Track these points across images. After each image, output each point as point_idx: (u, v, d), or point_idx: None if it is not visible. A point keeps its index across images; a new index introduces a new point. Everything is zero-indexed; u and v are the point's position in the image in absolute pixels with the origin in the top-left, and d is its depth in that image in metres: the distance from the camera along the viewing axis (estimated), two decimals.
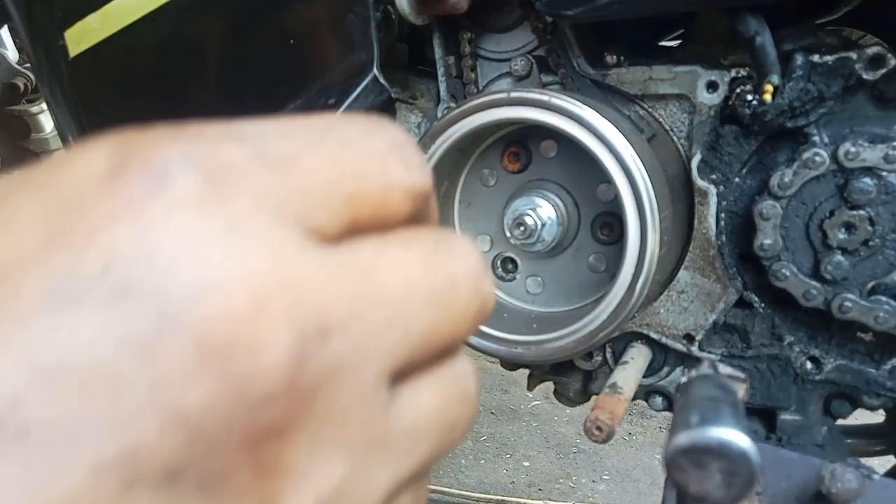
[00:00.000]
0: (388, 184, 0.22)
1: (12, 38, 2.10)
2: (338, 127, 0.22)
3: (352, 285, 0.20)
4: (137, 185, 0.18)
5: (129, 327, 0.17)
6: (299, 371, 0.18)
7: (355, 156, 0.22)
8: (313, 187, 0.20)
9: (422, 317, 0.21)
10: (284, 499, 0.19)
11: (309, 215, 0.20)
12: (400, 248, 0.22)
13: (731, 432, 0.38)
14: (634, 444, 2.18)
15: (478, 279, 0.23)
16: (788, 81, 0.67)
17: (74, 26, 0.86)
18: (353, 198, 0.21)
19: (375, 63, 0.80)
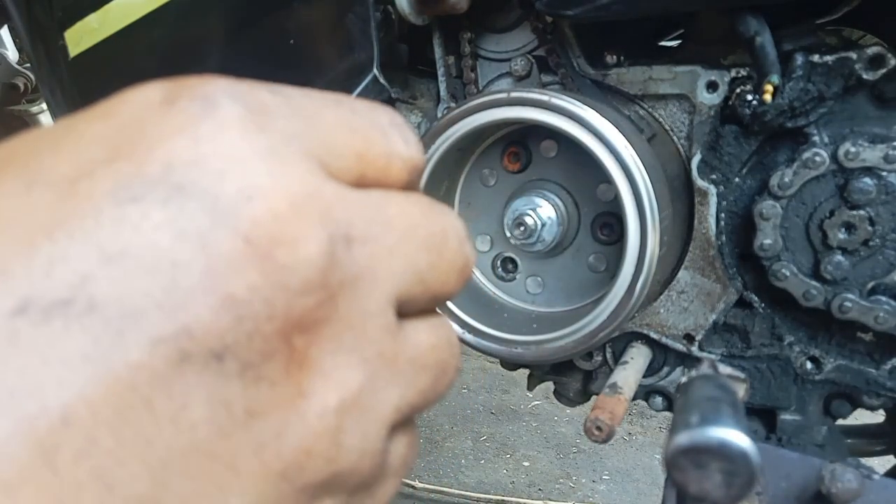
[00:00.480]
0: (390, 152, 0.25)
1: (12, 38, 2.10)
2: (349, 101, 0.26)
3: (368, 212, 0.23)
4: (190, 109, 0.21)
5: (185, 221, 0.19)
6: (330, 267, 0.21)
7: (365, 122, 0.25)
8: (332, 139, 0.23)
9: (422, 254, 0.24)
10: (312, 393, 0.21)
11: (328, 160, 0.23)
12: (403, 196, 0.25)
13: (731, 432, 0.38)
14: (634, 444, 2.18)
15: (463, 239, 0.26)
16: (788, 81, 0.67)
17: (74, 26, 0.86)
18: (363, 157, 0.24)
19: (375, 63, 0.80)
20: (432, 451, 2.14)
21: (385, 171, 0.25)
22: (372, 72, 0.80)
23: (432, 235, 0.24)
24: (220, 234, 0.19)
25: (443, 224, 0.25)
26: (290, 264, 0.20)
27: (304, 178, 0.21)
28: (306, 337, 0.20)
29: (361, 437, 0.22)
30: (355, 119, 0.24)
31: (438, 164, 0.71)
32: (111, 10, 0.84)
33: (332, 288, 0.21)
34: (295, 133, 0.22)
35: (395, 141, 0.25)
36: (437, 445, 2.16)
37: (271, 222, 0.20)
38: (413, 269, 0.24)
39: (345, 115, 0.24)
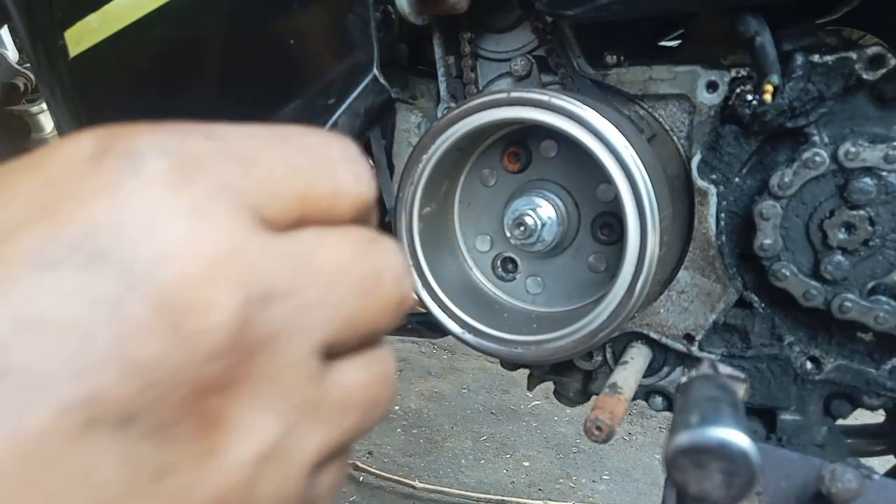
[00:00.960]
0: (337, 191, 0.25)
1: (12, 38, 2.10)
2: (297, 136, 0.26)
3: (293, 264, 0.23)
4: (115, 167, 0.21)
5: (100, 288, 0.19)
6: (243, 331, 0.21)
7: (311, 161, 0.25)
8: (269, 183, 0.23)
9: (351, 299, 0.24)
10: (226, 449, 0.21)
11: (262, 206, 0.23)
12: (338, 239, 0.24)
13: (731, 432, 0.38)
14: (634, 444, 2.18)
15: (400, 276, 0.26)
16: (788, 81, 0.67)
17: (74, 26, 0.86)
18: (305, 197, 0.24)
19: (375, 63, 0.80)
20: (432, 451, 2.14)
21: (330, 210, 0.25)
22: (372, 72, 0.80)
23: (364, 278, 0.25)
24: (132, 301, 0.19)
25: (378, 264, 0.25)
26: (200, 331, 0.20)
27: (226, 235, 0.21)
28: (220, 397, 0.21)
29: (279, 484, 0.22)
30: (300, 158, 0.24)
31: (438, 164, 0.71)
32: (111, 10, 0.84)
33: (245, 350, 0.21)
34: (226, 183, 0.22)
35: (343, 178, 0.25)
36: (437, 445, 2.16)
37: (183, 288, 0.20)
38: (341, 315, 0.24)
39: (288, 156, 0.24)
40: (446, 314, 0.74)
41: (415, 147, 0.73)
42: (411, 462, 2.08)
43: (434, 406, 2.38)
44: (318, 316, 0.23)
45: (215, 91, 0.88)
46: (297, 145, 0.25)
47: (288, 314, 0.22)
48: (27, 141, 2.13)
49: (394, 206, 0.75)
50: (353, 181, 0.26)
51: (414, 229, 0.73)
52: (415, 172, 0.72)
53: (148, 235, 0.20)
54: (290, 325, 0.22)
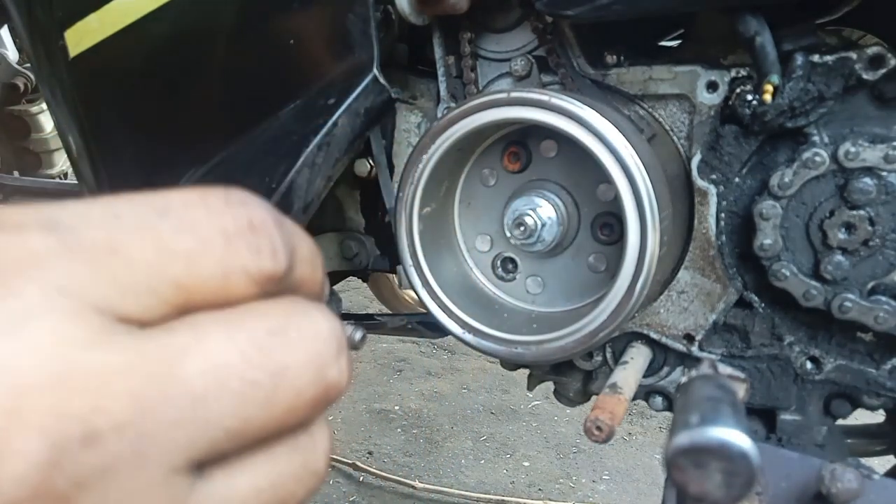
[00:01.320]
0: (227, 269, 0.22)
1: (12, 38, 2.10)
2: (180, 209, 0.22)
3: (147, 380, 0.19)
4: None
5: None
6: (51, 478, 0.18)
7: (192, 240, 0.21)
8: (130, 276, 0.20)
9: (229, 411, 0.21)
10: None
11: (117, 305, 0.20)
12: (224, 334, 0.21)
13: (731, 432, 0.38)
14: (634, 444, 2.18)
15: (321, 366, 0.23)
16: (788, 81, 0.67)
17: (74, 26, 0.86)
18: (184, 284, 0.21)
19: (375, 63, 0.80)
20: (432, 451, 2.14)
21: (222, 290, 0.22)
22: (372, 72, 0.80)
23: (253, 385, 0.21)
24: None
25: (277, 363, 0.22)
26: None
27: (47, 355, 0.18)
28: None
29: None
30: (177, 239, 0.21)
31: (438, 164, 0.71)
32: (111, 10, 0.84)
33: (59, 494, 0.18)
34: (67, 283, 0.19)
35: (236, 253, 0.22)
36: (437, 445, 2.16)
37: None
38: (215, 430, 0.20)
39: (161, 238, 0.21)
40: (446, 314, 0.74)
41: (415, 147, 0.73)
42: (411, 462, 2.08)
43: (434, 406, 2.38)
44: (178, 437, 0.20)
45: (215, 91, 0.88)
46: (177, 223, 0.21)
47: (129, 443, 0.19)
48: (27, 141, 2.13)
49: (394, 206, 0.75)
50: (250, 255, 0.22)
51: (414, 229, 0.73)
52: (415, 172, 0.72)
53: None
54: (132, 454, 0.19)
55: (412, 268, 0.74)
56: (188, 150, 0.90)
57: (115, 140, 0.94)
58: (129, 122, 0.94)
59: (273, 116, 0.84)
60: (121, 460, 0.19)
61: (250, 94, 0.87)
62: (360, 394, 2.42)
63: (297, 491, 0.23)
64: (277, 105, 0.84)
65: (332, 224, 0.99)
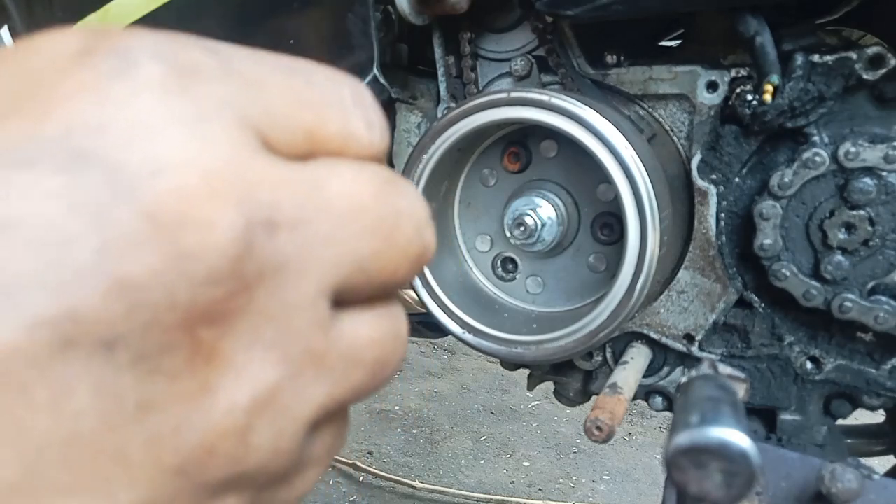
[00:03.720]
0: (347, 134, 0.23)
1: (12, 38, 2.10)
2: (308, 69, 0.23)
3: (303, 192, 0.20)
4: (105, 65, 0.18)
5: (82, 192, 0.17)
6: (245, 256, 0.18)
7: (322, 97, 0.22)
8: (276, 109, 0.21)
9: (366, 240, 0.22)
10: (219, 389, 0.19)
11: (267, 131, 0.20)
12: (353, 172, 0.22)
13: (731, 432, 0.38)
14: (634, 444, 2.18)
15: (421, 224, 0.24)
16: (788, 81, 0.67)
17: (74, 26, 0.86)
18: (313, 133, 0.22)
19: (375, 63, 0.80)
20: (432, 451, 2.14)
21: (341, 148, 0.22)
22: (372, 72, 0.80)
23: (381, 220, 0.22)
24: (119, 210, 0.17)
25: (397, 206, 0.23)
26: (196, 250, 0.17)
27: (229, 150, 0.19)
28: (216, 329, 0.18)
29: (274, 438, 0.20)
30: (310, 92, 0.22)
31: (438, 164, 0.71)
32: (111, 10, 0.84)
33: (247, 279, 0.19)
34: (230, 99, 0.20)
35: (355, 122, 0.23)
36: (437, 445, 2.16)
37: (179, 201, 0.17)
38: (353, 257, 0.21)
39: (297, 86, 0.22)
40: (446, 314, 0.74)
41: (415, 147, 0.73)
42: (411, 462, 2.08)
43: (434, 406, 2.38)
44: (330, 253, 0.21)
45: None
46: (308, 79, 0.22)
47: (296, 246, 0.20)
48: None
49: None
50: (366, 127, 0.23)
51: None
52: (415, 172, 0.72)
53: (138, 142, 0.18)
54: (297, 259, 0.20)
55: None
56: None
57: None
58: None
59: None
60: (290, 261, 0.20)
61: None
62: None
63: (393, 354, 0.24)
64: None
65: None
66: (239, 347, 0.19)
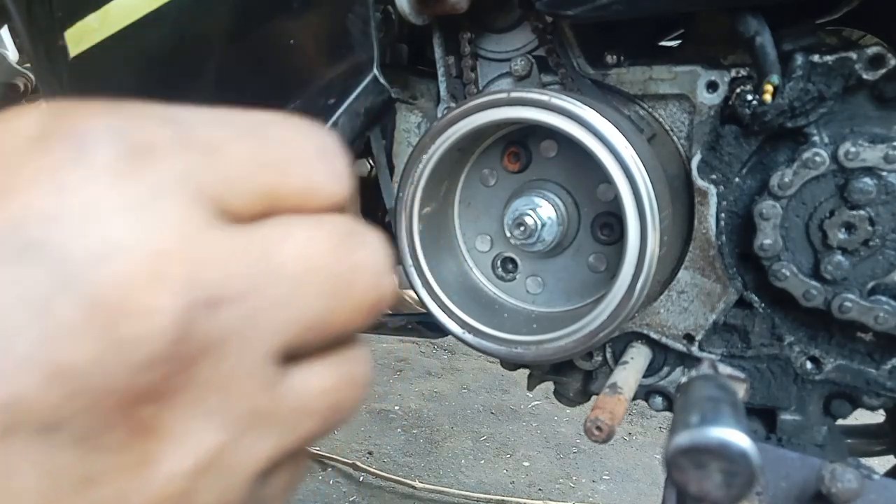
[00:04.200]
0: (309, 187, 0.23)
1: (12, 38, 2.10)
2: (270, 125, 0.24)
3: (253, 262, 0.21)
4: (60, 151, 0.19)
5: (28, 283, 0.18)
6: (185, 337, 0.19)
7: (282, 155, 0.23)
8: (233, 174, 0.22)
9: (318, 300, 0.22)
10: (160, 459, 0.20)
11: (223, 198, 0.21)
12: (309, 231, 0.23)
13: (731, 432, 0.38)
14: (634, 444, 2.18)
15: (379, 274, 0.24)
16: (788, 81, 0.67)
17: (74, 26, 0.86)
18: (273, 193, 0.22)
19: (375, 63, 0.80)
20: (432, 451, 2.14)
21: (303, 202, 0.23)
22: (372, 72, 0.80)
23: (335, 278, 0.23)
24: (63, 300, 0.18)
25: (353, 260, 0.23)
26: (136, 337, 0.18)
27: (178, 229, 0.19)
28: (155, 405, 0.19)
29: (220, 494, 0.21)
30: (272, 151, 0.23)
31: (438, 164, 0.71)
32: (111, 10, 0.84)
33: (187, 358, 0.19)
34: (183, 172, 0.20)
35: (317, 175, 0.24)
36: (437, 445, 2.16)
37: (119, 288, 0.18)
38: (305, 317, 0.22)
39: (256, 147, 0.23)
40: (446, 314, 0.74)
41: (415, 147, 0.73)
42: (411, 462, 2.08)
43: (434, 406, 2.38)
44: (277, 319, 0.21)
45: (215, 91, 0.88)
46: (269, 136, 0.23)
47: (240, 318, 0.20)
48: None
49: (394, 206, 0.75)
50: (329, 178, 0.24)
51: (414, 229, 0.73)
52: (415, 172, 0.72)
53: (87, 229, 0.18)
54: (241, 331, 0.20)
55: (412, 268, 0.74)
56: None
57: None
58: None
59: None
60: (234, 334, 0.20)
61: (250, 94, 0.87)
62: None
63: (351, 398, 0.25)
64: (278, 105, 0.84)
65: None
66: (180, 418, 0.20)
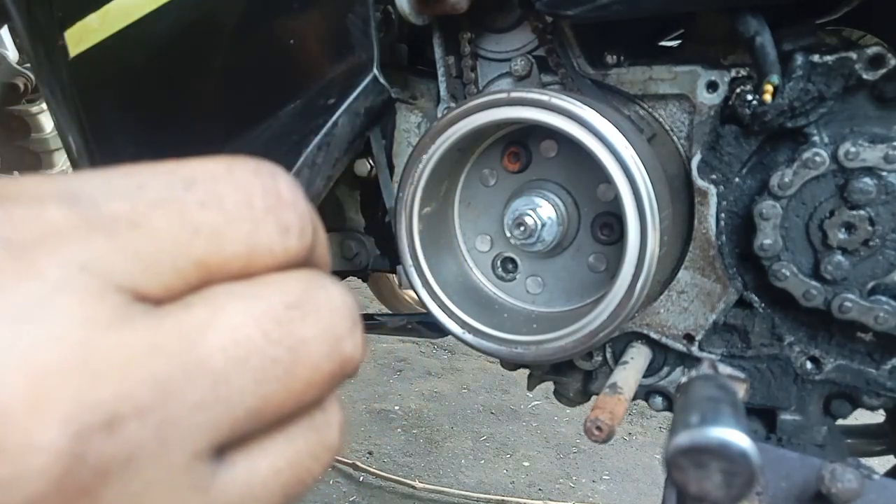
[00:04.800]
0: (252, 247, 0.21)
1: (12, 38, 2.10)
2: (206, 180, 0.21)
3: (167, 361, 0.19)
4: None
5: None
6: (73, 471, 0.17)
7: (218, 215, 0.20)
8: (152, 252, 0.19)
9: (250, 390, 0.20)
10: None
11: (140, 282, 0.19)
12: (242, 310, 0.20)
13: (731, 432, 0.38)
14: (634, 444, 2.18)
15: (337, 339, 0.22)
16: (788, 81, 0.67)
17: (74, 26, 0.86)
18: (206, 262, 0.20)
19: (375, 63, 0.80)
20: (432, 451, 2.14)
21: (245, 269, 0.21)
22: (372, 72, 0.80)
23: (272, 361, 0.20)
24: None
25: (297, 336, 0.21)
26: (13, 478, 0.16)
27: (68, 340, 0.17)
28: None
29: None
30: (199, 214, 0.20)
31: (438, 164, 0.71)
32: (111, 10, 0.84)
33: (78, 490, 0.17)
34: (86, 262, 0.18)
35: (264, 230, 0.21)
36: (437, 445, 2.16)
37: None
38: (235, 414, 0.20)
39: (181, 213, 0.20)
40: (446, 314, 0.74)
41: (415, 147, 0.73)
42: (411, 462, 2.08)
43: (434, 406, 2.38)
44: (200, 421, 0.19)
45: (215, 91, 0.88)
46: (204, 196, 0.20)
47: (150, 430, 0.18)
48: (27, 141, 2.13)
49: (394, 206, 0.75)
50: (278, 234, 0.21)
51: (414, 229, 0.73)
52: (415, 172, 0.72)
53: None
54: (153, 442, 0.18)
55: (412, 268, 0.74)
56: (187, 150, 0.90)
57: (114, 139, 0.94)
58: (129, 121, 0.94)
59: (273, 116, 0.84)
60: (144, 448, 0.18)
61: (250, 93, 0.87)
62: (360, 394, 2.41)
63: (314, 468, 0.23)
64: (277, 105, 0.84)
65: (332, 224, 0.99)
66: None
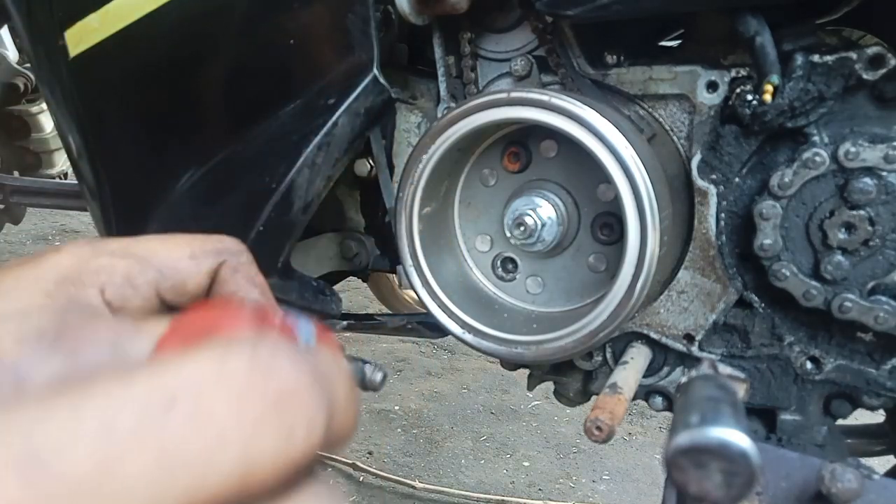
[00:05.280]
0: (248, 466, 0.18)
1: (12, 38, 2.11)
2: (191, 395, 0.18)
3: None
4: None
5: None
6: None
7: (205, 438, 0.18)
8: None
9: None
10: None
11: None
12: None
13: (731, 432, 0.38)
14: (634, 444, 2.18)
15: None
16: (788, 81, 0.67)
17: (74, 26, 0.86)
18: (193, 497, 0.18)
19: (375, 63, 0.80)
20: (432, 451, 2.14)
21: (240, 488, 0.19)
22: (372, 72, 0.80)
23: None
24: None
25: None
26: None
27: None
28: None
29: None
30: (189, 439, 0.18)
31: (438, 164, 0.71)
32: (111, 10, 0.84)
33: None
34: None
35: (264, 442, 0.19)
36: (437, 445, 2.16)
37: None
38: None
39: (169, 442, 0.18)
40: (446, 314, 0.74)
41: (415, 147, 0.73)
42: (411, 462, 2.08)
43: (434, 406, 2.38)
44: None
45: (216, 91, 0.88)
46: (187, 416, 0.18)
47: None
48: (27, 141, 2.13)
49: (394, 206, 0.75)
50: (281, 439, 0.19)
51: (414, 229, 0.73)
52: (415, 172, 0.72)
53: None
54: None
55: (412, 268, 0.74)
56: (188, 150, 0.90)
57: (115, 140, 0.94)
58: (129, 121, 0.94)
59: (273, 116, 0.84)
60: None
61: (251, 93, 0.87)
62: (360, 394, 2.41)
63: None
64: (278, 105, 0.84)
65: (332, 224, 0.99)
66: None
